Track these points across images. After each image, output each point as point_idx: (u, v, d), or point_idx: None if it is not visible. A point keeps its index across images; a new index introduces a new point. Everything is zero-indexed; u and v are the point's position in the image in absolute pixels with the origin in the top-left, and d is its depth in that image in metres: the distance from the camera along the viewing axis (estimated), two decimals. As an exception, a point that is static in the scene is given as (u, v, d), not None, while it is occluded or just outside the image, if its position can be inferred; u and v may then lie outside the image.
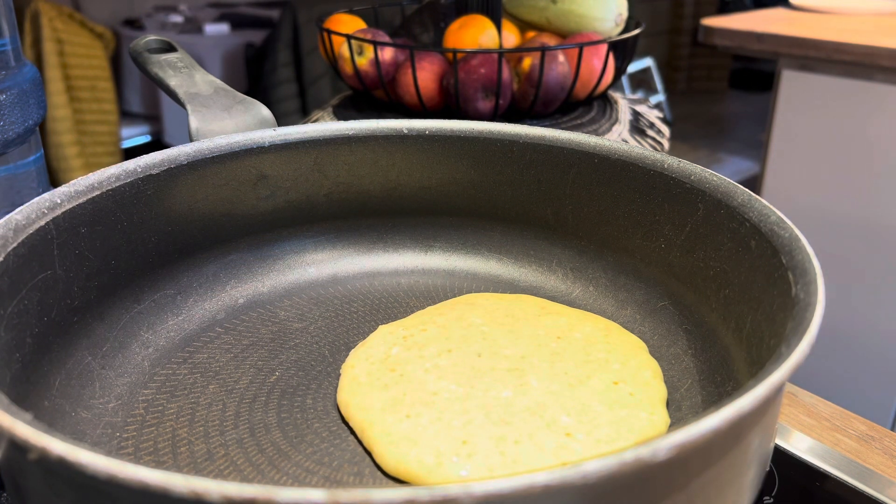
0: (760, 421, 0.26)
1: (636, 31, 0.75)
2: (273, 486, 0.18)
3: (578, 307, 0.42)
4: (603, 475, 0.19)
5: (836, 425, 0.43)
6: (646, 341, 0.42)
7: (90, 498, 0.22)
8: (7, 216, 0.34)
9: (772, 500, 0.37)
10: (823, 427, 0.43)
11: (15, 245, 0.33)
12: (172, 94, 0.48)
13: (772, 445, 0.29)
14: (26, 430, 0.21)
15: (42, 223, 0.35)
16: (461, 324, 0.42)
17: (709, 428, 0.21)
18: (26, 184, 0.49)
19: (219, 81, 0.49)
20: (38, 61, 2.11)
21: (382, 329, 0.42)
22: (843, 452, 0.40)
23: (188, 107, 0.46)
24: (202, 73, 0.49)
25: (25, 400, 0.32)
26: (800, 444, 0.40)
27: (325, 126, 0.48)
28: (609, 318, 0.44)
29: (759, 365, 0.32)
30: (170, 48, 0.52)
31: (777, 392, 0.23)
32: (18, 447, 0.22)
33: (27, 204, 0.35)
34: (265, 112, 0.48)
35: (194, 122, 0.45)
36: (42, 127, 0.53)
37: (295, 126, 0.47)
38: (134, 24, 2.69)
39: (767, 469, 0.28)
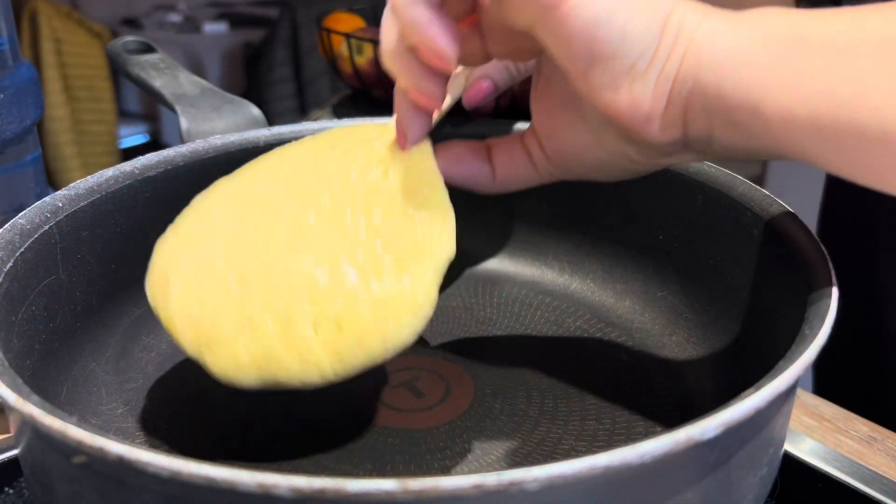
0: (787, 401, 0.27)
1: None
2: (342, 478, 0.18)
3: (576, 300, 0.42)
4: (658, 455, 0.20)
5: (838, 426, 0.43)
6: (647, 331, 0.42)
7: (143, 499, 0.21)
8: (12, 221, 0.33)
9: (773, 501, 0.37)
10: (825, 428, 0.43)
11: (22, 250, 0.33)
12: (158, 96, 0.48)
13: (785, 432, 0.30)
14: (79, 433, 0.20)
15: (46, 228, 0.35)
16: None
17: (753, 406, 0.22)
18: (24, 183, 0.49)
19: (203, 81, 0.49)
20: (36, 61, 2.10)
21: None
22: (846, 454, 0.40)
23: (177, 107, 0.46)
24: (185, 73, 0.49)
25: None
26: (802, 446, 0.40)
27: (319, 125, 0.47)
28: (609, 309, 0.44)
29: (769, 348, 0.32)
30: (149, 49, 0.52)
31: (805, 371, 0.24)
32: (62, 449, 0.21)
33: (30, 208, 0.35)
34: (255, 111, 0.48)
35: (185, 123, 0.45)
36: (40, 126, 0.52)
37: (289, 125, 0.47)
38: (133, 23, 2.67)
39: (782, 454, 0.29)
